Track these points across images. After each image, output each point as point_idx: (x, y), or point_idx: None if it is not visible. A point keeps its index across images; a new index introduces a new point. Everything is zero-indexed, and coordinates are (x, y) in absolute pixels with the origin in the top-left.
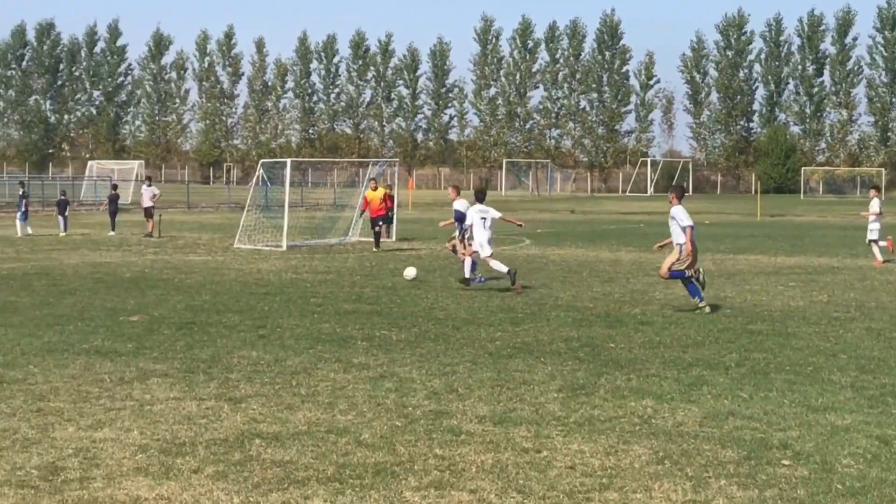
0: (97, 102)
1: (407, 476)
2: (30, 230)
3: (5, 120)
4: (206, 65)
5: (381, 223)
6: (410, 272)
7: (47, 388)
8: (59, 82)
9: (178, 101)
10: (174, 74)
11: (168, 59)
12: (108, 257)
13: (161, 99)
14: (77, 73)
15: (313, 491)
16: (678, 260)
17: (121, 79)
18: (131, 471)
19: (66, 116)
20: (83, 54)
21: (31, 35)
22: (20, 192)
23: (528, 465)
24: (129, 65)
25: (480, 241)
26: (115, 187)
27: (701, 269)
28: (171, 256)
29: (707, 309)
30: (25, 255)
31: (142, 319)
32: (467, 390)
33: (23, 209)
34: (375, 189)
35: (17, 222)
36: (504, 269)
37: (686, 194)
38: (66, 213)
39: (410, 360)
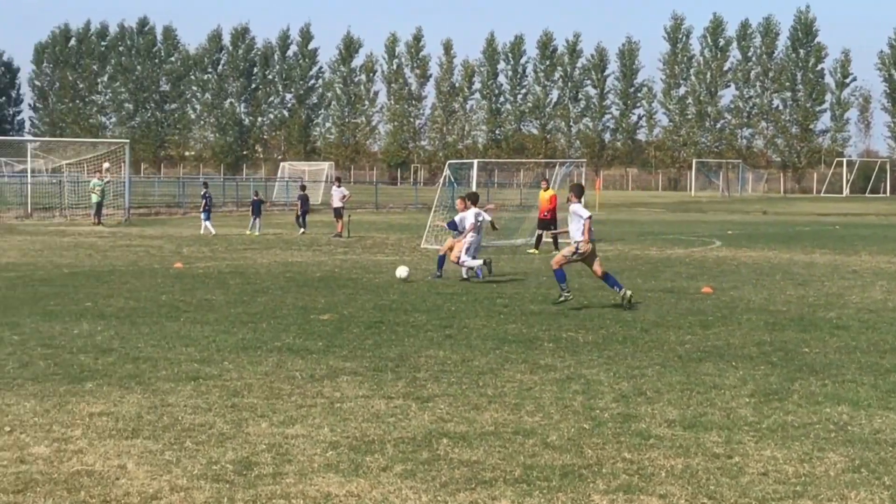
0: (289, 105)
1: (595, 479)
2: (212, 230)
3: (202, 123)
4: (394, 67)
5: (550, 227)
6: (402, 271)
7: (241, 384)
8: (253, 85)
9: (367, 103)
10: (363, 77)
11: (358, 61)
12: (298, 257)
13: (350, 101)
14: (270, 77)
15: (500, 492)
16: (574, 253)
17: (312, 82)
18: (322, 467)
19: (259, 119)
20: (276, 58)
21: (226, 40)
22: (203, 192)
23: (718, 470)
24: (320, 68)
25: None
26: (303, 188)
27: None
28: (359, 256)
29: (569, 297)
30: (221, 254)
31: (331, 318)
32: (656, 394)
33: (204, 207)
34: (546, 189)
35: (203, 222)
36: (478, 262)
37: (883, 195)
38: (261, 214)
39: (598, 363)
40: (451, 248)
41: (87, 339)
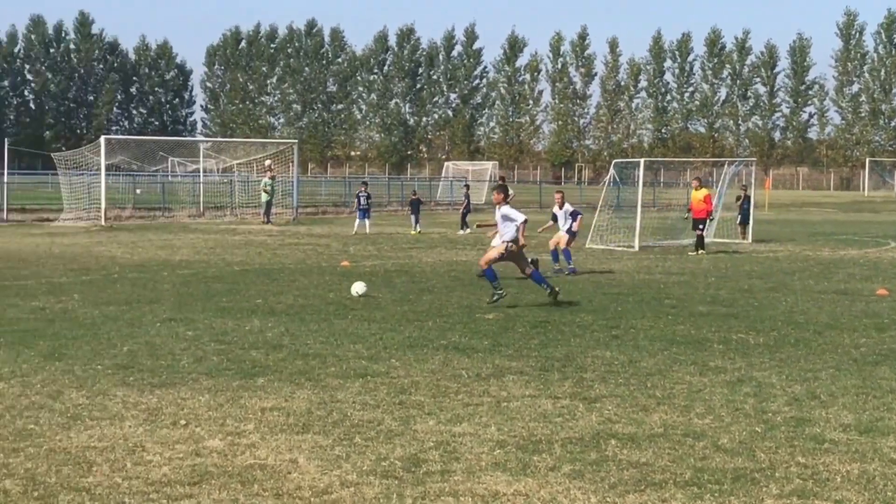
0: (453, 105)
1: (768, 483)
2: (360, 229)
3: (367, 123)
4: (559, 66)
5: (700, 226)
6: (359, 287)
7: (408, 381)
8: (418, 86)
9: (531, 102)
10: (528, 76)
11: (522, 61)
12: (462, 256)
13: (514, 101)
14: (435, 77)
15: (671, 494)
16: (505, 252)
17: (476, 81)
18: (489, 466)
19: (423, 119)
20: (441, 58)
21: (392, 40)
22: (361, 191)
23: None
24: (485, 67)
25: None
26: (467, 187)
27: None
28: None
29: (503, 295)
30: (386, 253)
31: (497, 317)
32: (830, 397)
33: (362, 207)
34: (698, 188)
35: (365, 221)
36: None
37: None
38: (419, 212)
39: (769, 365)
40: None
41: (259, 335)
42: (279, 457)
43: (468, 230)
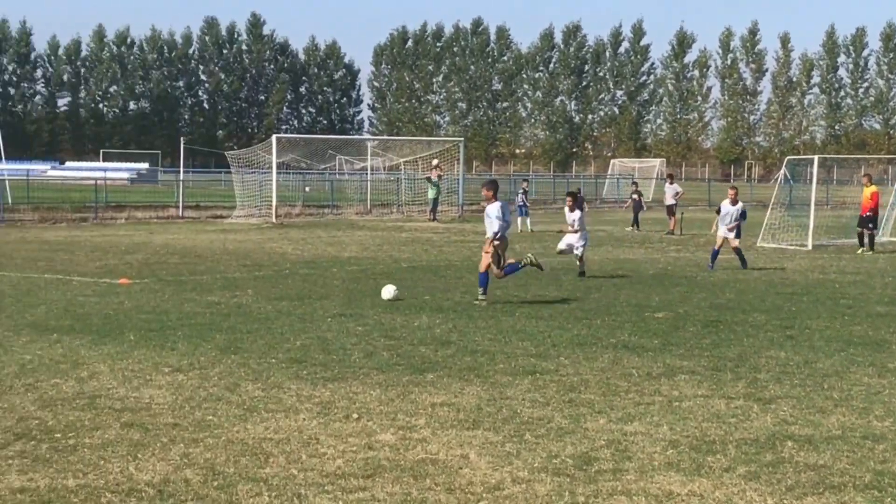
0: (620, 102)
1: None
2: (528, 227)
3: (532, 121)
4: (728, 62)
5: (870, 224)
6: (388, 292)
7: (577, 379)
8: (584, 83)
9: (699, 98)
10: (696, 72)
11: (690, 57)
12: (630, 254)
13: (682, 97)
14: (601, 74)
15: (850, 497)
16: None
17: (643, 78)
18: (662, 465)
19: (589, 116)
20: (608, 55)
21: (558, 38)
22: (523, 189)
23: None
24: (652, 64)
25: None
26: (636, 184)
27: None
28: (692, 254)
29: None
30: (551, 250)
31: (666, 316)
32: None
33: (522, 204)
34: (867, 185)
35: (519, 218)
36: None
37: None
38: (584, 209)
39: None
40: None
41: (427, 331)
42: (450, 452)
43: (637, 229)
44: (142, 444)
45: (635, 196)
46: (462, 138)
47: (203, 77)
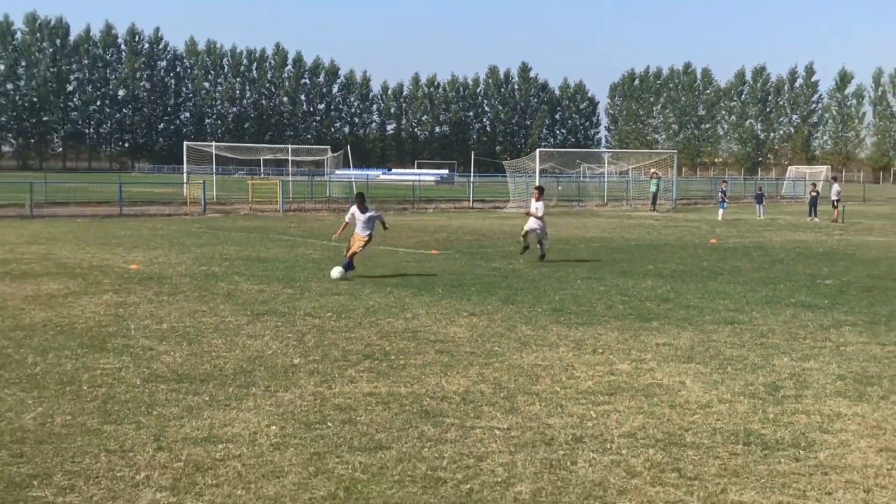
0: (795, 123)
1: None
2: (721, 215)
3: (728, 137)
4: (879, 93)
5: None
6: (335, 272)
7: (766, 328)
8: (767, 109)
9: (856, 121)
10: (854, 101)
11: (850, 90)
12: (804, 236)
13: (843, 120)
14: (781, 103)
15: None
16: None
17: (813, 105)
18: (832, 393)
19: (771, 134)
20: (786, 88)
21: (748, 76)
22: (722, 188)
23: None
24: (820, 95)
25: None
26: (814, 185)
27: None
28: (852, 237)
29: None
30: (744, 233)
31: (834, 283)
32: None
33: (722, 199)
34: None
35: (719, 209)
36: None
37: None
38: (763, 203)
39: None
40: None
41: (651, 291)
42: (671, 379)
43: (816, 218)
44: (449, 365)
45: (813, 193)
46: (675, 151)
47: (486, 108)
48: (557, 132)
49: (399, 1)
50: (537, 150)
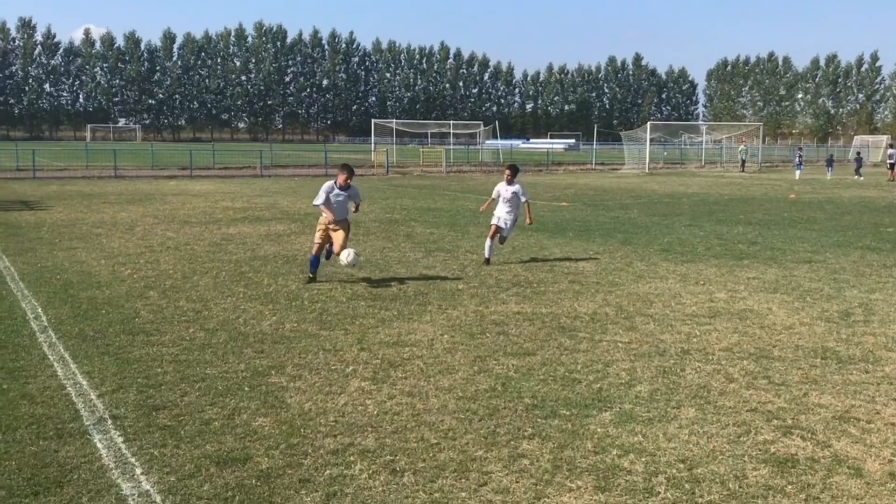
0: (860, 101)
1: None
2: (798, 175)
3: (803, 113)
4: None
5: None
6: (347, 256)
7: (837, 266)
8: (837, 90)
9: None
10: None
11: None
12: (868, 193)
13: None
14: (849, 84)
15: None
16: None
17: (877, 86)
18: (895, 319)
19: (840, 110)
20: (853, 72)
21: (822, 62)
22: (799, 153)
23: None
24: (882, 77)
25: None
26: (858, 153)
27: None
28: None
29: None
30: (818, 190)
31: (894, 230)
32: None
33: (798, 162)
34: None
35: (797, 170)
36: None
37: None
38: (832, 166)
39: None
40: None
41: (742, 235)
42: (760, 305)
43: (861, 177)
44: (580, 293)
45: (892, 153)
46: (760, 123)
47: (606, 90)
48: (664, 108)
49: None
50: (648, 123)
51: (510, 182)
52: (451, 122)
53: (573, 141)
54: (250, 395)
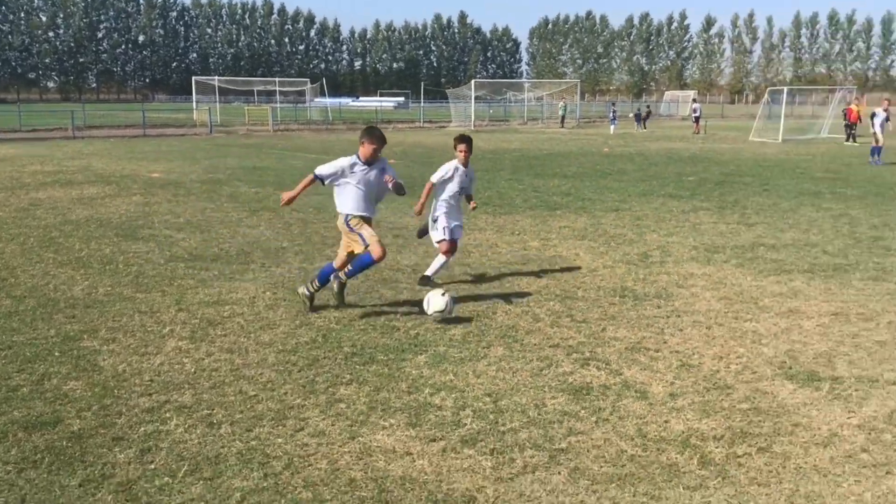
0: (671, 58)
1: (854, 272)
2: (613, 130)
3: (620, 70)
4: (735, 33)
5: (852, 129)
6: (438, 302)
7: (641, 213)
8: (650, 47)
9: (718, 56)
10: (716, 40)
11: (713, 31)
12: (675, 145)
13: (708, 55)
14: (661, 42)
15: (794, 277)
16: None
17: (685, 44)
18: (688, 259)
19: (653, 67)
20: (664, 31)
21: (636, 21)
22: (613, 109)
23: None
24: (690, 36)
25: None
26: (695, 100)
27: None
28: (711, 144)
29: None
30: (631, 144)
31: (694, 179)
32: None
33: (612, 117)
34: (854, 104)
35: (611, 126)
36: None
37: None
38: (640, 121)
39: (859, 206)
40: None
41: (557, 188)
42: (569, 251)
43: (644, 129)
44: (403, 246)
45: (695, 107)
46: (578, 80)
47: (433, 48)
48: (489, 66)
49: None
50: (472, 81)
51: (467, 163)
52: (278, 79)
53: (402, 99)
54: (61, 359)
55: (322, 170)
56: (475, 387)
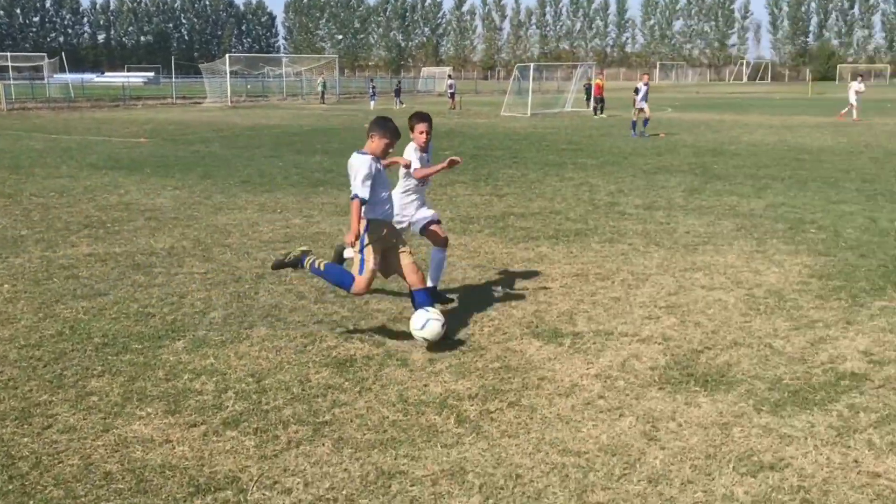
0: (426, 35)
1: (593, 236)
2: (373, 106)
3: (377, 46)
4: (486, 11)
5: (597, 102)
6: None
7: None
8: (406, 23)
9: (472, 33)
10: (468, 17)
11: (465, 8)
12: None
13: (462, 32)
14: (416, 18)
15: (541, 243)
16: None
17: (439, 21)
18: (446, 230)
19: (410, 43)
20: (418, 8)
21: None
22: (372, 85)
23: (662, 231)
24: (444, 13)
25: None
26: (450, 76)
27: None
28: (466, 120)
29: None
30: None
31: (450, 153)
32: (629, 190)
33: (372, 93)
34: (596, 79)
35: (371, 101)
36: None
37: (764, 81)
38: (400, 96)
39: (598, 175)
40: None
41: (319, 164)
42: (332, 227)
43: (402, 104)
44: (157, 229)
45: (450, 83)
46: (337, 56)
47: (184, 21)
48: (244, 40)
49: None
50: (227, 56)
51: (427, 147)
52: (10, 53)
53: (153, 74)
54: None
55: (360, 190)
56: (237, 368)
